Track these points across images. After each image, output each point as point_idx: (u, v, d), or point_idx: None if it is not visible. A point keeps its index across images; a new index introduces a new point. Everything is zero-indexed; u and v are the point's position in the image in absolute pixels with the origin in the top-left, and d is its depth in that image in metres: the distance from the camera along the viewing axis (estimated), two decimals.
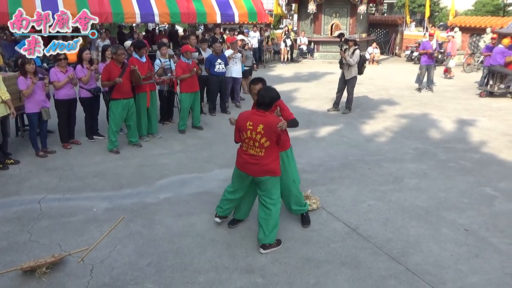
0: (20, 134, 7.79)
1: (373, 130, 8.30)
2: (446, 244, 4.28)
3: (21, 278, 3.76)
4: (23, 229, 4.59)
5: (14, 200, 5.30)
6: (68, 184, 5.78)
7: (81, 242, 4.33)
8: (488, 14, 23.29)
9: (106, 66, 6.87)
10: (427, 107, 10.22)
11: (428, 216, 4.87)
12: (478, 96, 11.38)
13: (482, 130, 8.24)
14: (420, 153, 6.98)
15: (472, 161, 6.62)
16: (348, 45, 9.41)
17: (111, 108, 6.91)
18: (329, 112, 9.79)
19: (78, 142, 7.40)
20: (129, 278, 3.77)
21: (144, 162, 6.59)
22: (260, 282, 3.71)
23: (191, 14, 13.83)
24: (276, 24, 28.88)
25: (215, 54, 9.07)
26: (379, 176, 6.02)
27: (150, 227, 4.64)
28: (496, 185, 5.70)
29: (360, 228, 4.60)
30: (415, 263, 3.97)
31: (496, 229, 4.57)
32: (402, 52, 20.98)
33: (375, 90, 12.44)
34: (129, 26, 20.63)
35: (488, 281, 3.71)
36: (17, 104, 6.76)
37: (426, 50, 11.80)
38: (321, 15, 18.68)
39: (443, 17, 32.95)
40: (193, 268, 3.92)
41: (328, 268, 3.89)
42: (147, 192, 5.53)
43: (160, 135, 7.83)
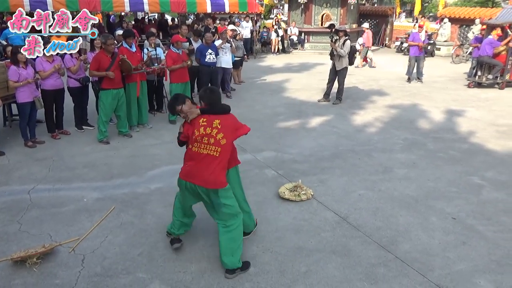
0: (8, 124, 7.69)
1: (363, 121, 8.36)
2: (434, 232, 4.36)
3: (11, 268, 3.74)
4: (13, 219, 4.55)
5: (3, 190, 5.25)
6: (58, 174, 5.74)
7: (72, 232, 4.31)
8: (477, 5, 23.39)
9: (96, 56, 6.79)
10: (416, 97, 10.30)
11: (417, 205, 4.94)
12: (467, 87, 11.50)
13: (470, 120, 8.34)
14: (410, 143, 7.05)
15: (460, 151, 6.71)
16: (338, 35, 9.42)
17: (101, 98, 6.84)
18: (319, 102, 9.82)
19: (67, 132, 7.34)
20: (120, 268, 3.77)
21: (135, 152, 6.56)
22: (252, 271, 3.74)
23: (181, 3, 13.64)
24: (266, 14, 28.72)
25: (205, 44, 9.00)
26: (369, 166, 6.08)
27: (142, 217, 4.64)
28: (483, 174, 5.79)
29: (350, 217, 4.66)
30: (404, 251, 4.04)
31: (483, 217, 4.66)
32: (392, 43, 21.04)
33: (365, 80, 12.49)
34: (118, 15, 20.34)
35: (475, 268, 3.79)
36: (3, 93, 6.66)
37: (416, 42, 11.85)
38: (311, 5, 18.61)
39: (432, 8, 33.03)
40: (184, 257, 3.93)
41: (319, 257, 3.94)
42: (138, 182, 5.51)
43: (150, 125, 7.79)
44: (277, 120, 8.38)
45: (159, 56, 8.14)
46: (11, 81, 6.27)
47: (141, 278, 3.65)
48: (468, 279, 3.65)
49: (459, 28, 18.34)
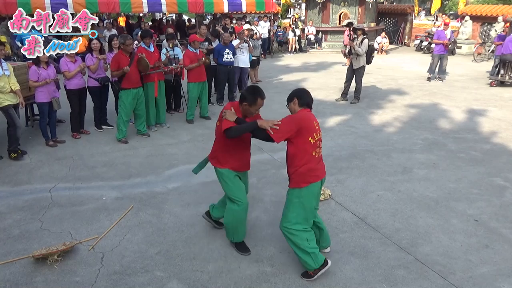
0: (30, 124, 7.85)
1: (382, 120, 8.25)
2: (456, 235, 4.26)
3: (33, 265, 3.81)
4: (34, 217, 4.64)
5: (25, 189, 5.36)
6: (78, 173, 5.83)
7: (91, 231, 4.37)
8: (499, 2, 22.84)
9: (115, 56, 6.88)
10: (436, 97, 10.12)
11: (437, 206, 4.85)
12: (489, 86, 11.24)
13: (493, 120, 8.15)
14: (430, 143, 6.92)
15: (482, 151, 6.55)
16: (356, 34, 9.33)
17: (121, 97, 6.93)
18: (337, 102, 9.74)
19: (87, 132, 7.45)
20: (139, 266, 3.80)
21: (153, 151, 6.61)
22: (269, 271, 3.72)
23: (198, 4, 13.73)
24: (283, 13, 28.63)
25: (223, 44, 9.02)
26: (388, 167, 5.99)
27: (159, 216, 4.67)
28: (506, 176, 5.65)
29: (368, 218, 4.59)
30: (424, 253, 3.96)
31: (507, 220, 4.54)
32: (411, 41, 20.72)
33: (383, 80, 12.33)
34: (136, 16, 20.58)
35: (498, 272, 3.69)
36: (26, 94, 6.80)
37: (443, 41, 11.58)
38: (329, 4, 18.48)
39: (453, 5, 32.42)
40: (202, 257, 3.94)
41: (337, 258, 3.90)
42: (156, 182, 5.56)
43: (168, 125, 7.85)
44: None
45: (177, 56, 8.20)
46: (31, 81, 6.43)
47: (159, 276, 3.67)
48: (491, 282, 3.56)
49: (480, 26, 17.94)
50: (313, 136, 3.42)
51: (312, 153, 3.45)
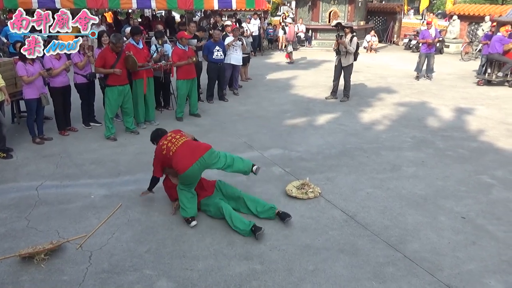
0: (16, 121, 7.73)
1: (371, 118, 8.29)
2: (444, 232, 4.31)
3: (19, 264, 3.75)
4: (21, 215, 4.57)
5: (11, 186, 5.27)
6: (65, 171, 5.75)
7: (79, 229, 4.32)
8: (486, 2, 23.12)
9: (101, 52, 6.79)
10: (425, 95, 10.21)
11: (425, 204, 4.89)
12: (476, 85, 11.37)
13: (480, 119, 8.25)
14: (418, 141, 6.98)
15: (470, 149, 6.63)
16: (344, 32, 9.33)
17: (106, 94, 6.85)
18: (327, 100, 9.76)
19: (75, 129, 7.36)
20: (128, 265, 3.77)
21: (142, 149, 6.55)
22: (259, 269, 3.72)
23: (188, 0, 13.64)
24: (273, 11, 28.62)
25: (213, 41, 8.98)
26: (377, 164, 6.02)
27: (148, 214, 4.64)
28: (493, 173, 5.72)
29: (358, 215, 4.62)
30: (412, 250, 3.99)
31: (493, 217, 4.60)
32: (400, 40, 20.87)
33: (373, 78, 12.40)
34: (125, 12, 20.37)
35: (485, 268, 3.74)
36: (12, 90, 6.69)
37: (426, 40, 11.71)
38: (319, 2, 18.49)
39: (441, 5, 32.72)
40: (191, 255, 3.92)
41: (327, 255, 3.91)
42: (145, 179, 5.47)
43: (157, 122, 7.78)
44: (284, 117, 8.34)
45: (167, 53, 8.13)
46: (24, 77, 6.26)
47: (148, 275, 3.64)
48: (478, 279, 3.60)
49: (468, 25, 18.13)
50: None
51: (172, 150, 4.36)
